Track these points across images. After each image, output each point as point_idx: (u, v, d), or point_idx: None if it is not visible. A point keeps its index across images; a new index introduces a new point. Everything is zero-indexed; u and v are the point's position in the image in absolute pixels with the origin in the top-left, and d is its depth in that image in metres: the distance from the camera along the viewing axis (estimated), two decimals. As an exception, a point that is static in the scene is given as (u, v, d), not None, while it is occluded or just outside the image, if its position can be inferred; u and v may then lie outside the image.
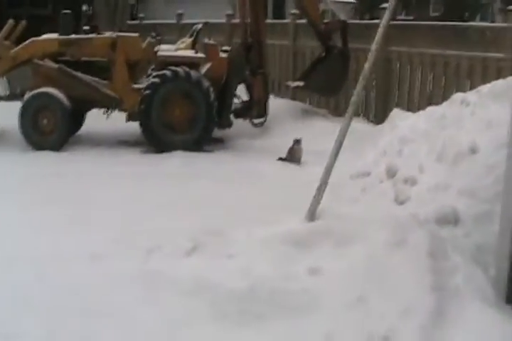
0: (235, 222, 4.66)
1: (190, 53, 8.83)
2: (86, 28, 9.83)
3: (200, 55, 8.76)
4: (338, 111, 10.52)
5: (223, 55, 9.07)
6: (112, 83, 8.71)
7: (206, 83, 8.42)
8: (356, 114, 8.44)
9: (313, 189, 4.45)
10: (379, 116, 9.53)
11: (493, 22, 23.49)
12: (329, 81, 9.80)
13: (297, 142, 7.85)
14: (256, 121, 9.59)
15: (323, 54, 10.06)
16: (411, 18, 30.04)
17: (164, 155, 8.18)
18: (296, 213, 4.34)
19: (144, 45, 8.85)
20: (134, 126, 8.62)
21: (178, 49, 9.03)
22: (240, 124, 9.33)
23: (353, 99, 4.71)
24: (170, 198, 5.97)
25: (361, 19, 24.02)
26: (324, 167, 4.49)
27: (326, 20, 10.12)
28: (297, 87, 10.41)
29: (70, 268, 4.12)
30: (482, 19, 32.86)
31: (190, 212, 5.39)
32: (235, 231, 4.32)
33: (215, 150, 8.64)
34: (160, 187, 6.49)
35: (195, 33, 9.18)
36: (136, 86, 8.72)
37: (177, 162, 7.77)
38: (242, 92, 9.49)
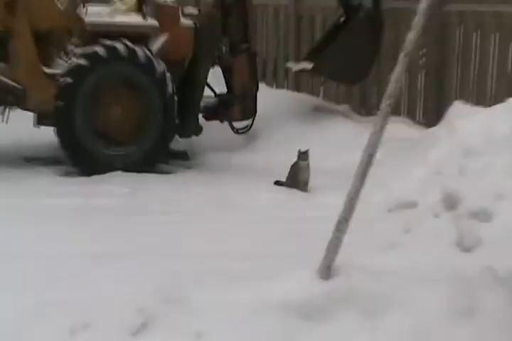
0: (206, 281, 4.68)
1: (135, 19, 8.89)
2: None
3: (152, 21, 8.82)
4: (366, 108, 10.63)
5: (187, 22, 9.14)
6: (11, 66, 8.74)
7: (161, 66, 8.48)
8: (395, 112, 8.51)
9: (328, 229, 4.48)
10: (430, 115, 9.62)
11: None
12: (352, 61, 9.87)
13: (303, 156, 7.89)
14: (238, 124, 9.65)
15: (343, 19, 10.15)
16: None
17: (96, 179, 8.21)
18: (303, 266, 4.36)
19: (60, 5, 8.87)
20: (49, 134, 8.65)
21: (116, 12, 9.07)
22: (213, 130, 9.39)
23: (390, 88, 4.75)
24: (108, 246, 5.97)
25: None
26: (346, 195, 4.52)
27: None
28: (303, 70, 10.50)
29: None
30: None
31: (139, 267, 5.39)
32: (205, 296, 4.34)
33: (175, 170, 8.70)
34: (93, 230, 6.51)
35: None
36: (49, 70, 8.76)
37: (117, 190, 7.83)
38: (217, 81, 9.55)
